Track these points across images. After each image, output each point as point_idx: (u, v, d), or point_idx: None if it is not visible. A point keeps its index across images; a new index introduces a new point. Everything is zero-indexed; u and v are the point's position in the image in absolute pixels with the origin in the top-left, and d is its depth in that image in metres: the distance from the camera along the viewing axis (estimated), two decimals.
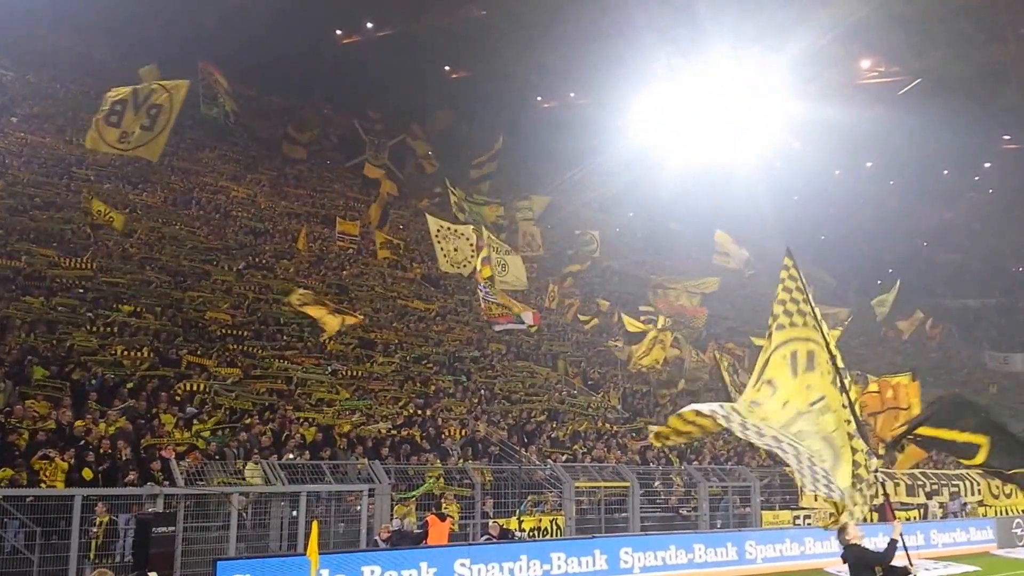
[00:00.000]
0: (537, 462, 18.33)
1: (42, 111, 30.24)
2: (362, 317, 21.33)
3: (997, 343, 52.54)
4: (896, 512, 21.00)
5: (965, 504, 23.99)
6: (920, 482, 23.08)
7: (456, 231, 25.45)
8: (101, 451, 13.44)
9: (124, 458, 13.57)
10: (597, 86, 40.20)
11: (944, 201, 55.70)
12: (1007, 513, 23.28)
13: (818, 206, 51.40)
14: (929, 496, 22.80)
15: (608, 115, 40.47)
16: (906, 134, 42.25)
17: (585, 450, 20.35)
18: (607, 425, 22.98)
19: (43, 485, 12.50)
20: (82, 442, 13.54)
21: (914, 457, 23.13)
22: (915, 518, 22.01)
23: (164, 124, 16.52)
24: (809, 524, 19.31)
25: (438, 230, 25.33)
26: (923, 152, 46.30)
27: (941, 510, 22.67)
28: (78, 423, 14.12)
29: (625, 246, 45.55)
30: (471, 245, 24.59)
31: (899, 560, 7.77)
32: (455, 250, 24.81)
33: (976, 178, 53.86)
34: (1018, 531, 21.74)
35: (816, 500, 19.68)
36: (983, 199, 55.56)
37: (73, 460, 12.97)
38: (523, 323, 22.38)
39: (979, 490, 24.39)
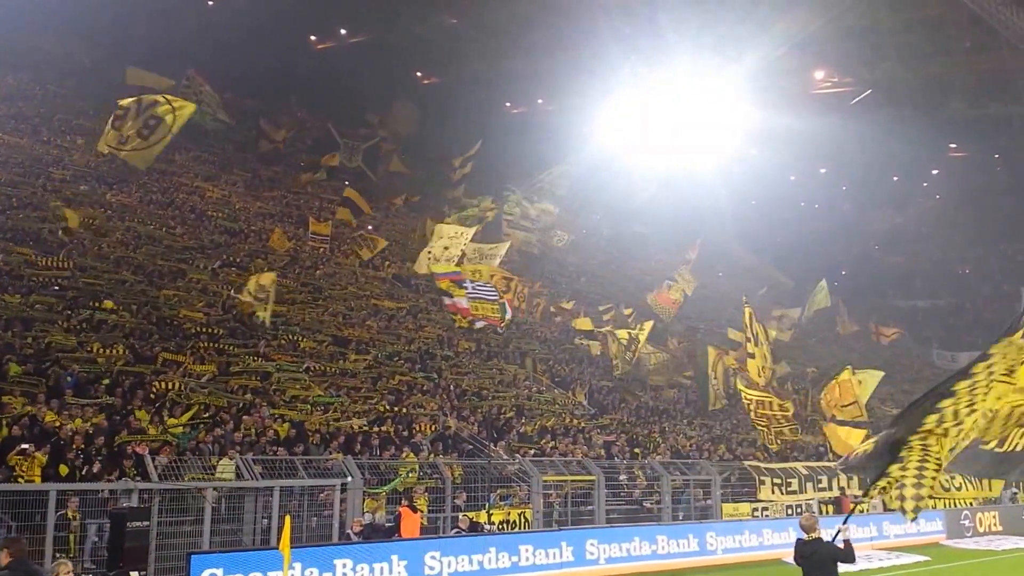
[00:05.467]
0: (506, 457, 18.77)
1: (19, 112, 30.12)
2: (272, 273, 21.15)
3: (945, 342, 54.27)
4: (851, 504, 22.06)
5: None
6: None
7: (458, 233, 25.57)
8: (75, 447, 13.59)
9: (99, 453, 13.77)
10: (564, 93, 40.86)
11: (894, 206, 57.36)
12: (955, 505, 24.01)
13: (775, 210, 52.50)
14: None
15: (575, 121, 41.10)
16: (858, 142, 43.64)
17: (553, 445, 20.94)
18: (574, 420, 23.61)
19: (21, 480, 12.64)
20: (56, 437, 13.71)
21: (852, 437, 24.09)
22: (867, 510, 22.97)
23: (160, 137, 16.76)
24: (767, 516, 19.89)
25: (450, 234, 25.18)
26: (874, 159, 47.72)
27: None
28: (49, 416, 14.25)
29: (592, 247, 46.40)
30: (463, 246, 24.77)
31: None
32: (445, 248, 24.84)
33: (924, 184, 55.36)
34: (966, 522, 22.53)
35: (773, 493, 20.45)
36: (931, 204, 57.27)
37: (48, 455, 13.12)
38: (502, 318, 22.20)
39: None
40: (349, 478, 14.89)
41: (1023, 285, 53.21)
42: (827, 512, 20.76)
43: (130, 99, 17.21)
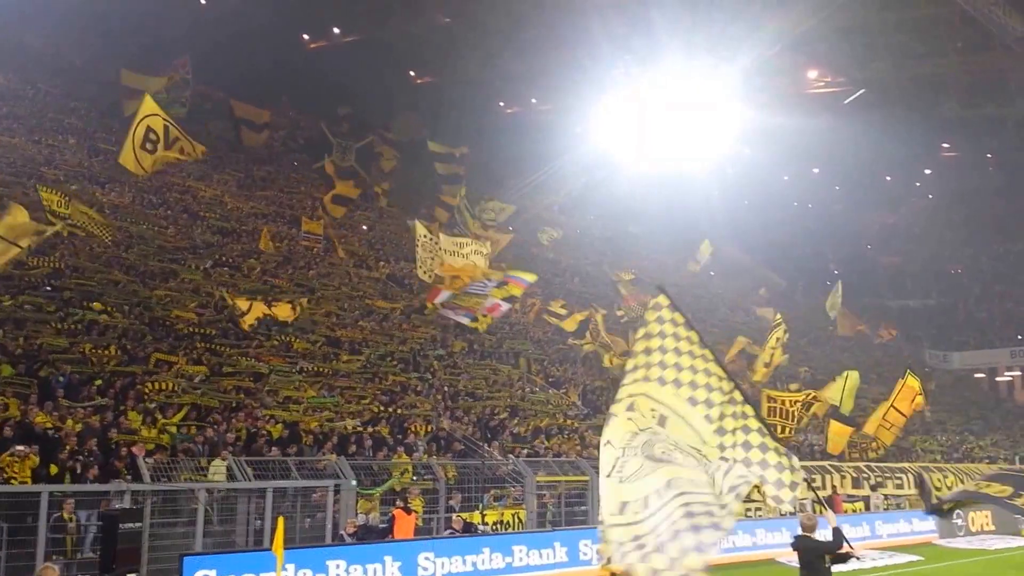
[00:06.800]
0: (500, 457, 18.83)
1: (11, 111, 29.98)
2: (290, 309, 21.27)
3: (937, 342, 54.46)
4: (843, 504, 22.21)
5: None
6: (865, 475, 24.17)
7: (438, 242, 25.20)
8: (68, 448, 13.56)
9: (91, 455, 13.73)
10: (558, 92, 40.81)
11: (887, 206, 57.47)
12: None
13: (767, 210, 52.51)
14: (874, 488, 23.90)
15: (569, 121, 41.10)
16: (851, 141, 43.66)
17: (546, 445, 20.96)
18: (567, 421, 23.64)
19: (15, 482, 12.60)
20: (49, 439, 13.69)
21: (842, 434, 24.23)
22: (860, 509, 23.06)
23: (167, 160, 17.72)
24: (760, 516, 19.98)
25: (424, 235, 24.93)
26: (867, 159, 47.81)
27: (885, 502, 23.74)
28: (39, 418, 14.20)
29: (587, 247, 46.45)
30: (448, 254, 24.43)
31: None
32: (431, 258, 24.47)
33: (917, 184, 55.44)
34: (958, 522, 22.65)
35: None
36: (924, 204, 57.36)
37: (39, 456, 13.07)
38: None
39: None
40: (344, 480, 14.88)
41: (1014, 285, 53.53)
42: (821, 512, 20.83)
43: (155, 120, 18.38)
